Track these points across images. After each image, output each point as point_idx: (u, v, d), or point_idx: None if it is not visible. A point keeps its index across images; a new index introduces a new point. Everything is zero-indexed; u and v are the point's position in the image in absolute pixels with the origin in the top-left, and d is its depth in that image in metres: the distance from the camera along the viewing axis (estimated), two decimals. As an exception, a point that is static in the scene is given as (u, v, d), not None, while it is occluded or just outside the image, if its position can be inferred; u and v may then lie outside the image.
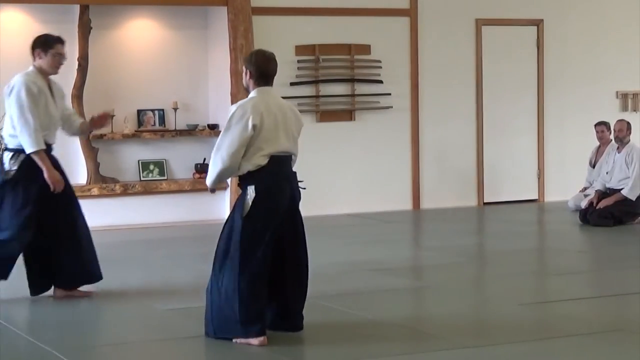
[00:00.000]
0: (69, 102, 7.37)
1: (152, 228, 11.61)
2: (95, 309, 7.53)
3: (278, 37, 12.27)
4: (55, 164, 7.36)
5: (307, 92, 12.47)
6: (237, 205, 6.01)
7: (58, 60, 7.37)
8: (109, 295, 7.72)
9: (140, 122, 12.19)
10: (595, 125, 12.25)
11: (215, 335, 6.06)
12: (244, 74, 6.18)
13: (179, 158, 12.33)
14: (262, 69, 6.09)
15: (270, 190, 5.95)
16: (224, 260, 5.98)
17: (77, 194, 11.46)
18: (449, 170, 13.14)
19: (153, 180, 12.06)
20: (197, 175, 12.19)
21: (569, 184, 13.04)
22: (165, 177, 12.17)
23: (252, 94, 6.09)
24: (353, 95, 12.65)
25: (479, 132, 13.25)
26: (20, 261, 7.48)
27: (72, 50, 11.66)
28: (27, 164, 7.19)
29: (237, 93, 11.87)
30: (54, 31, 11.69)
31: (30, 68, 7.37)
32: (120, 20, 12.12)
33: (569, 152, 13.54)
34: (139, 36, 12.23)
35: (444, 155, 13.10)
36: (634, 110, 13.88)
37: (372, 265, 8.78)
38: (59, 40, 7.45)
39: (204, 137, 12.36)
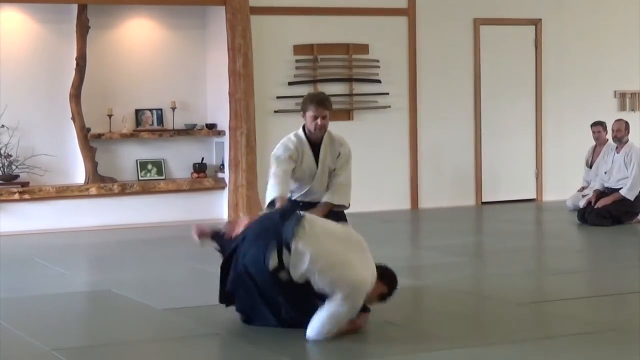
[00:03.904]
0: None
1: (150, 228, 11.61)
2: (93, 308, 7.53)
3: (276, 37, 12.28)
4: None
5: (305, 91, 12.42)
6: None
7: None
8: (108, 295, 7.72)
9: (138, 122, 12.19)
10: (592, 126, 12.25)
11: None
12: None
13: (177, 158, 12.34)
14: None
15: None
16: None
17: (75, 193, 11.62)
18: (447, 170, 13.15)
19: (151, 180, 12.06)
20: (195, 175, 12.19)
21: (567, 184, 13.05)
22: (164, 177, 12.17)
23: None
24: (351, 95, 12.65)
25: (477, 132, 13.25)
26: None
27: (70, 49, 11.71)
28: None
29: (235, 92, 11.89)
30: (52, 31, 11.86)
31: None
32: (118, 20, 12.12)
33: (567, 151, 13.54)
34: (137, 36, 12.23)
35: (442, 154, 13.11)
36: (632, 110, 13.89)
37: (371, 264, 8.75)
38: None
39: (202, 137, 12.36)
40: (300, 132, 7.13)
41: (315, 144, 7.08)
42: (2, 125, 11.54)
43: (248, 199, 11.81)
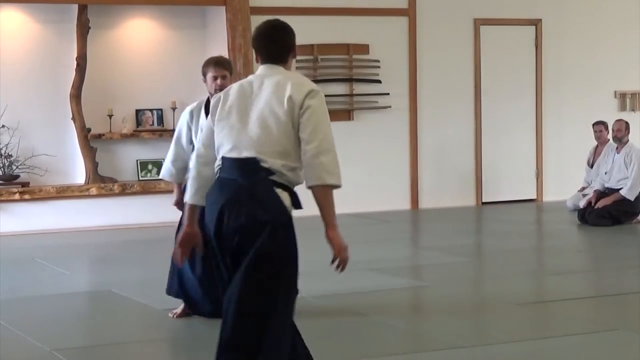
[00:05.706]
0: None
1: (151, 228, 11.60)
2: (94, 308, 7.54)
3: (276, 37, 12.25)
4: None
5: (305, 91, 12.45)
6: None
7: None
8: (108, 296, 7.72)
9: (138, 122, 12.19)
10: (594, 125, 12.25)
11: None
12: None
13: (178, 158, 12.31)
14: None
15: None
16: None
17: (76, 193, 11.62)
18: (447, 170, 13.14)
19: (151, 180, 12.05)
20: (196, 175, 12.19)
21: (567, 184, 13.04)
22: (164, 177, 12.16)
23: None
24: (351, 95, 12.66)
25: (477, 132, 13.25)
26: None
27: (70, 49, 11.71)
28: None
29: (236, 93, 11.89)
30: (52, 31, 11.85)
31: None
32: (119, 20, 12.12)
33: (567, 151, 13.54)
34: (138, 36, 12.23)
35: (442, 154, 13.11)
36: (632, 110, 13.89)
37: (371, 264, 8.77)
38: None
39: (203, 137, 12.36)
40: (205, 98, 7.13)
41: None
42: (3, 126, 11.54)
43: (248, 199, 11.80)
